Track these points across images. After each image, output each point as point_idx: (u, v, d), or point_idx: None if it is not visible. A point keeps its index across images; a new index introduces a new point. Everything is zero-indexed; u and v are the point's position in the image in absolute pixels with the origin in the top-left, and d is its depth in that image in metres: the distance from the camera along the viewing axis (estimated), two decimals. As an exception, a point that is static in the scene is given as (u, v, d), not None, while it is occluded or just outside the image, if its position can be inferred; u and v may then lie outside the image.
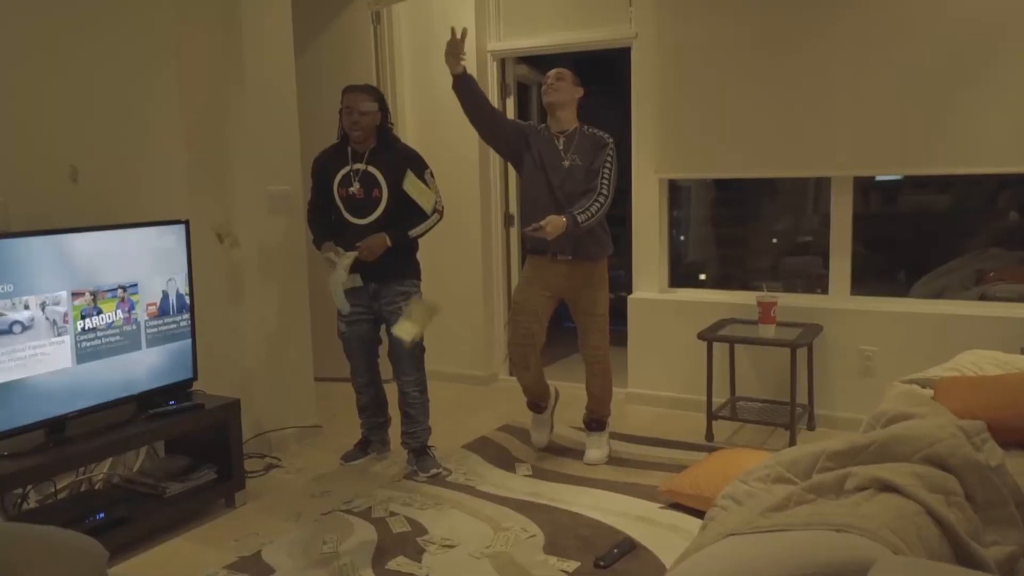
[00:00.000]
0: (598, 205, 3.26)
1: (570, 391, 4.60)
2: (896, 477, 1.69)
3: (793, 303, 3.90)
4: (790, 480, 1.95)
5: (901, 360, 3.69)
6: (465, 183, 4.69)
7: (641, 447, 3.68)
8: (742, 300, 4.10)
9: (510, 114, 4.80)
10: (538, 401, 3.69)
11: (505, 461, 3.58)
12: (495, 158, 4.77)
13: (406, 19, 4.75)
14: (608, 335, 3.51)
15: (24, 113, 2.86)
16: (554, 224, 3.14)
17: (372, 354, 3.56)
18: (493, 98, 4.73)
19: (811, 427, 3.85)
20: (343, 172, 3.36)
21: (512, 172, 4.89)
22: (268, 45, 3.68)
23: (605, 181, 3.28)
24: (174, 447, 3.28)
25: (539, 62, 5.05)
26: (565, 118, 3.38)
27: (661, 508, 3.02)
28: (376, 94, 3.34)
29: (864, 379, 3.79)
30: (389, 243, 3.29)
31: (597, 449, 3.54)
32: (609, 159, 3.32)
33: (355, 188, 3.32)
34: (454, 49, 3.28)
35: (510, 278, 4.97)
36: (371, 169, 3.32)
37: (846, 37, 3.73)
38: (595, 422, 3.60)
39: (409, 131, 4.73)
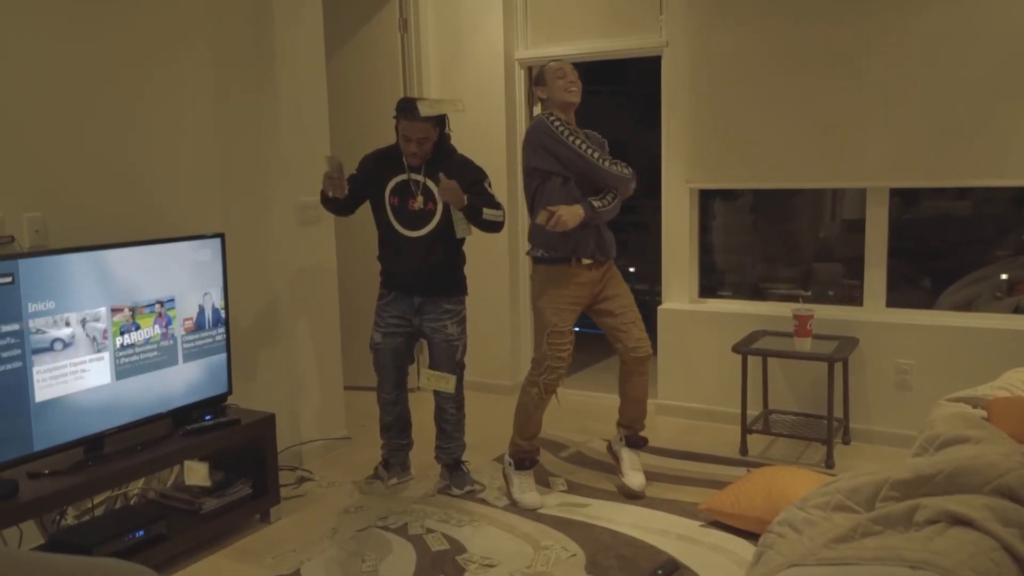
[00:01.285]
0: (613, 195, 3.16)
1: (598, 402, 4.58)
2: (969, 511, 1.66)
3: (826, 315, 3.86)
4: (852, 509, 1.92)
5: (939, 375, 3.65)
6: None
7: (675, 461, 3.64)
8: (773, 311, 4.07)
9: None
10: (533, 453, 3.31)
11: (538, 475, 3.54)
12: (521, 167, 4.74)
13: (434, 27, 4.72)
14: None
15: (60, 128, 2.84)
16: (569, 211, 3.02)
17: (403, 371, 3.45)
18: (519, 106, 4.71)
19: (846, 441, 3.81)
20: (398, 180, 3.24)
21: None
22: (300, 58, 3.66)
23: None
24: (208, 461, 3.25)
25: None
26: (573, 118, 3.24)
27: (702, 526, 2.99)
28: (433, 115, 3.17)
29: (901, 393, 3.74)
30: (464, 203, 3.14)
31: (638, 472, 3.31)
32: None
33: (417, 199, 3.21)
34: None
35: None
36: (429, 183, 3.23)
37: (882, 48, 3.69)
38: (640, 437, 3.37)
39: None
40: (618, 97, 6.20)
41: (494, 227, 3.27)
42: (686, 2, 4.11)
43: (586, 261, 3.18)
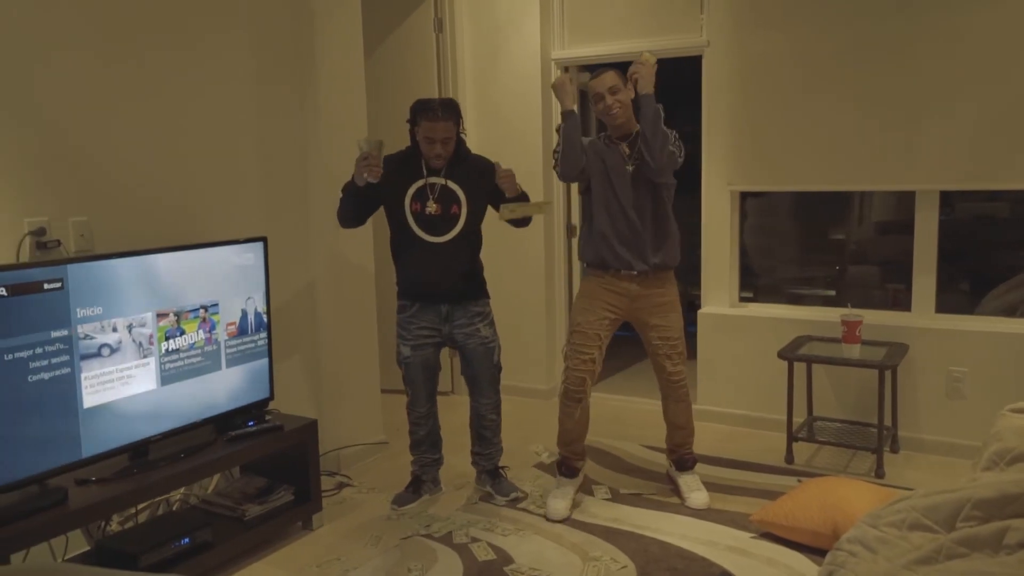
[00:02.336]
0: (678, 146, 3.04)
1: (635, 405, 4.52)
2: (1064, 534, 1.59)
3: (873, 320, 3.77)
4: (930, 528, 1.85)
5: (995, 383, 3.56)
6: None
7: (720, 469, 3.58)
8: (815, 316, 3.99)
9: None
10: (573, 460, 3.25)
11: (576, 474, 3.49)
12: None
13: (469, 27, 4.67)
14: (685, 356, 3.23)
15: (105, 132, 2.81)
16: (646, 72, 2.93)
17: (434, 382, 3.34)
18: (555, 108, 4.64)
19: (894, 450, 3.73)
20: (417, 185, 3.16)
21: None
22: (339, 60, 3.62)
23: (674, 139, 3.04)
24: (249, 467, 3.23)
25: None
26: (628, 125, 3.10)
27: (753, 538, 2.92)
28: (453, 111, 3.11)
29: (953, 402, 3.65)
30: (519, 191, 3.14)
31: (699, 491, 3.22)
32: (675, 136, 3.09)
33: (432, 207, 3.13)
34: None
35: (571, 289, 4.89)
36: (451, 184, 3.16)
37: (932, 46, 3.60)
38: (688, 459, 3.30)
39: (471, 142, 4.65)
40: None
41: (528, 220, 3.26)
42: (728, 1, 4.03)
43: (626, 271, 3.10)
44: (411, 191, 3.16)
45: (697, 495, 3.21)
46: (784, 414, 3.79)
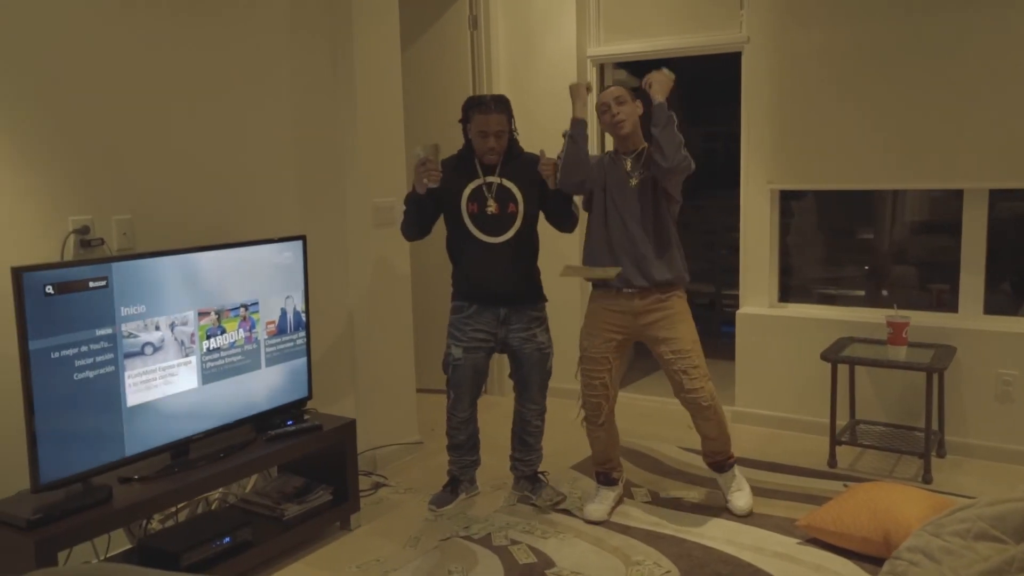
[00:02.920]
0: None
1: (666, 406, 4.45)
2: None
3: (918, 321, 3.68)
4: (999, 539, 1.79)
5: (1044, 386, 3.47)
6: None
7: (762, 472, 3.51)
8: (857, 317, 3.91)
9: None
10: (609, 471, 3.20)
11: (615, 483, 3.45)
12: (593, 166, 4.65)
13: (504, 25, 4.64)
14: (706, 370, 2.99)
15: (146, 132, 2.81)
16: (661, 80, 2.88)
17: (479, 388, 3.27)
18: (591, 106, 4.59)
19: (941, 455, 3.64)
20: (473, 186, 3.11)
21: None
22: (377, 59, 3.60)
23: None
24: (287, 466, 3.22)
25: (637, 67, 4.89)
26: (634, 140, 3.02)
27: (800, 544, 2.86)
28: (505, 105, 3.09)
29: (1003, 405, 3.56)
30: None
31: (740, 492, 3.11)
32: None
33: (492, 207, 3.09)
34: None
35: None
36: (506, 183, 3.11)
37: (979, 41, 3.51)
38: (725, 462, 3.16)
39: (505, 139, 4.62)
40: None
41: (573, 220, 3.20)
42: (769, -4, 3.97)
43: (628, 289, 2.97)
44: (467, 192, 3.11)
45: (738, 496, 3.12)
46: (825, 417, 3.72)
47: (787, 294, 4.28)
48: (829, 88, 3.87)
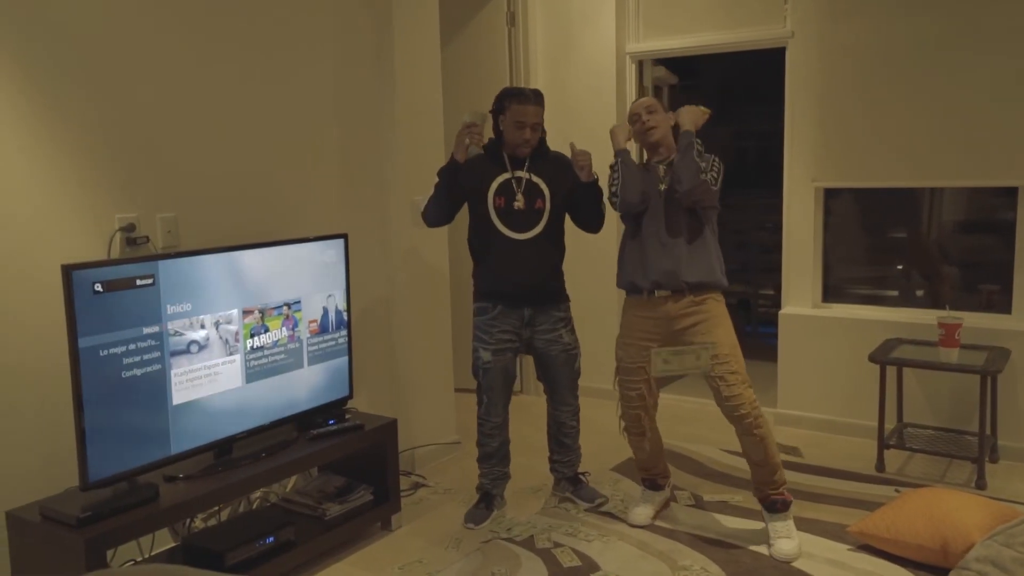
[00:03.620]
0: (714, 173, 2.84)
1: (712, 408, 4.36)
2: None
3: (969, 323, 3.58)
4: (1077, 549, 1.72)
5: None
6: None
7: (808, 476, 3.44)
8: (904, 318, 3.82)
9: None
10: (655, 476, 3.13)
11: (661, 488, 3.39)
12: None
13: (542, 21, 4.59)
14: (746, 377, 2.82)
15: (191, 130, 2.81)
16: (694, 112, 2.86)
17: (510, 390, 3.19)
18: (630, 103, 4.53)
19: (993, 459, 3.54)
20: (501, 180, 3.06)
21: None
22: (416, 56, 3.58)
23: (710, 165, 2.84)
24: (327, 465, 3.20)
25: (675, 64, 4.83)
26: (665, 148, 2.94)
27: (851, 550, 2.79)
28: (541, 99, 3.06)
29: (1058, 409, 3.46)
30: (595, 177, 3.05)
31: (787, 539, 2.79)
32: (719, 172, 2.89)
33: (519, 201, 3.05)
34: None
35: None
36: (535, 178, 3.08)
37: (1040, 34, 3.41)
38: (777, 500, 2.84)
39: (543, 136, 4.58)
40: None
41: (602, 218, 3.14)
42: (814, -10, 3.89)
43: (660, 293, 2.88)
44: (495, 186, 3.06)
45: (783, 543, 2.78)
46: (870, 419, 3.64)
47: (826, 294, 4.19)
48: (878, 82, 3.78)
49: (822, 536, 2.90)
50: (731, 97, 6.70)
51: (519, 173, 3.07)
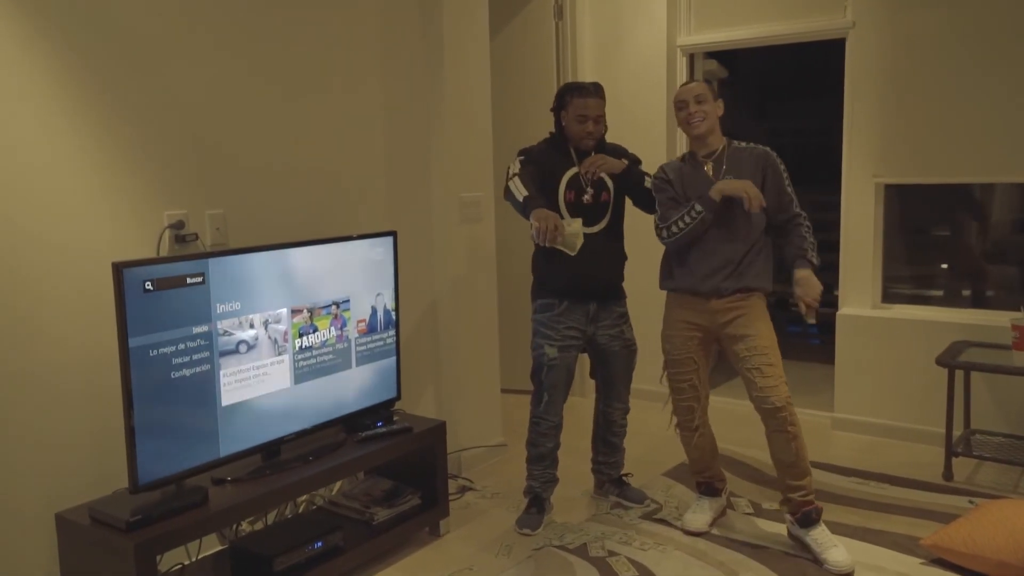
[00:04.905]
0: (807, 229, 2.78)
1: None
2: None
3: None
4: None
5: None
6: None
7: (871, 484, 3.29)
8: (970, 319, 3.65)
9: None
10: (710, 480, 3.01)
11: (717, 494, 3.27)
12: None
13: (591, 14, 4.48)
14: (782, 372, 2.71)
15: (240, 127, 2.76)
16: (810, 283, 2.71)
17: (569, 390, 3.10)
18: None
19: (1070, 469, 3.37)
20: (570, 174, 2.97)
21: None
22: (465, 52, 3.50)
23: (793, 199, 2.80)
24: (374, 468, 3.13)
25: (727, 57, 4.70)
26: (711, 139, 2.82)
27: (924, 564, 2.65)
28: (602, 92, 3.00)
29: None
30: (624, 165, 2.97)
31: (836, 548, 2.66)
32: (784, 171, 2.79)
33: (588, 195, 2.97)
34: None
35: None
36: (601, 173, 3.00)
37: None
38: (810, 511, 2.71)
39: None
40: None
41: (653, 204, 2.97)
42: (877, -22, 3.73)
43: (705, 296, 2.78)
44: (565, 180, 2.98)
45: (835, 553, 2.64)
46: (933, 425, 3.50)
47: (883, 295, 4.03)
48: (944, 73, 3.62)
49: (892, 549, 2.76)
50: (776, 92, 6.54)
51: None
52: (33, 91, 2.27)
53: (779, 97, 6.52)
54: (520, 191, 2.88)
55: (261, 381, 2.55)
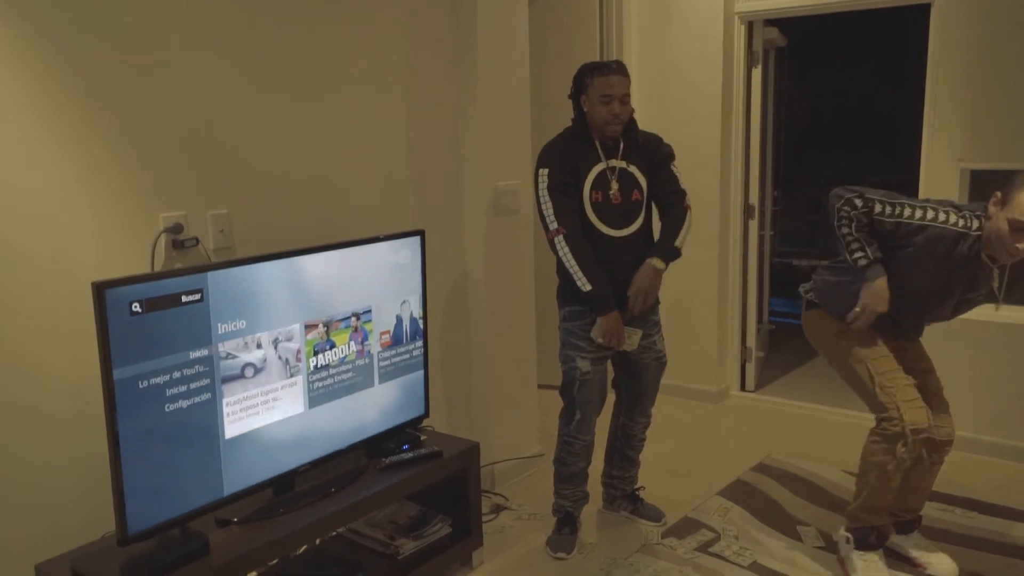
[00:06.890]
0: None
1: (816, 415, 3.87)
2: None
3: None
4: None
5: None
6: (701, 168, 3.99)
7: (969, 515, 2.92)
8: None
9: (756, 87, 4.08)
10: (880, 529, 2.53)
11: (781, 521, 2.94)
12: (736, 140, 4.07)
13: (637, -22, 4.06)
14: (875, 394, 2.44)
15: (248, 119, 2.42)
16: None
17: (603, 405, 2.83)
18: (739, 68, 3.99)
19: None
20: (597, 171, 2.64)
21: (755, 156, 4.16)
22: (501, 19, 3.11)
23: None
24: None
25: (788, 24, 4.25)
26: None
27: (1031, 624, 2.30)
28: (626, 70, 2.62)
29: None
30: (662, 267, 2.65)
31: (939, 554, 2.58)
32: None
33: (614, 191, 2.64)
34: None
35: (746, 277, 4.29)
36: (631, 167, 2.66)
37: None
38: (910, 521, 2.65)
39: (638, 108, 4.08)
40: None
41: (688, 233, 2.76)
42: (970, -66, 3.27)
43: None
44: (590, 179, 2.64)
45: (940, 558, 2.56)
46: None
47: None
48: (1047, 46, 3.17)
49: (990, 600, 2.41)
50: (835, 59, 6.10)
51: (613, 162, 2.65)
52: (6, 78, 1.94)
53: (819, 61, 6.13)
54: (577, 272, 2.59)
55: (270, 408, 2.24)
